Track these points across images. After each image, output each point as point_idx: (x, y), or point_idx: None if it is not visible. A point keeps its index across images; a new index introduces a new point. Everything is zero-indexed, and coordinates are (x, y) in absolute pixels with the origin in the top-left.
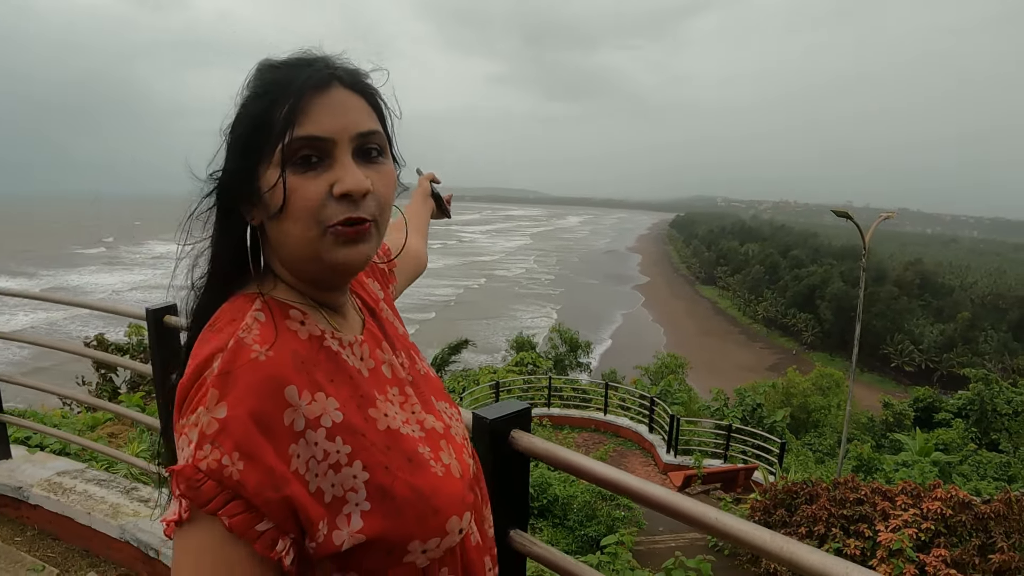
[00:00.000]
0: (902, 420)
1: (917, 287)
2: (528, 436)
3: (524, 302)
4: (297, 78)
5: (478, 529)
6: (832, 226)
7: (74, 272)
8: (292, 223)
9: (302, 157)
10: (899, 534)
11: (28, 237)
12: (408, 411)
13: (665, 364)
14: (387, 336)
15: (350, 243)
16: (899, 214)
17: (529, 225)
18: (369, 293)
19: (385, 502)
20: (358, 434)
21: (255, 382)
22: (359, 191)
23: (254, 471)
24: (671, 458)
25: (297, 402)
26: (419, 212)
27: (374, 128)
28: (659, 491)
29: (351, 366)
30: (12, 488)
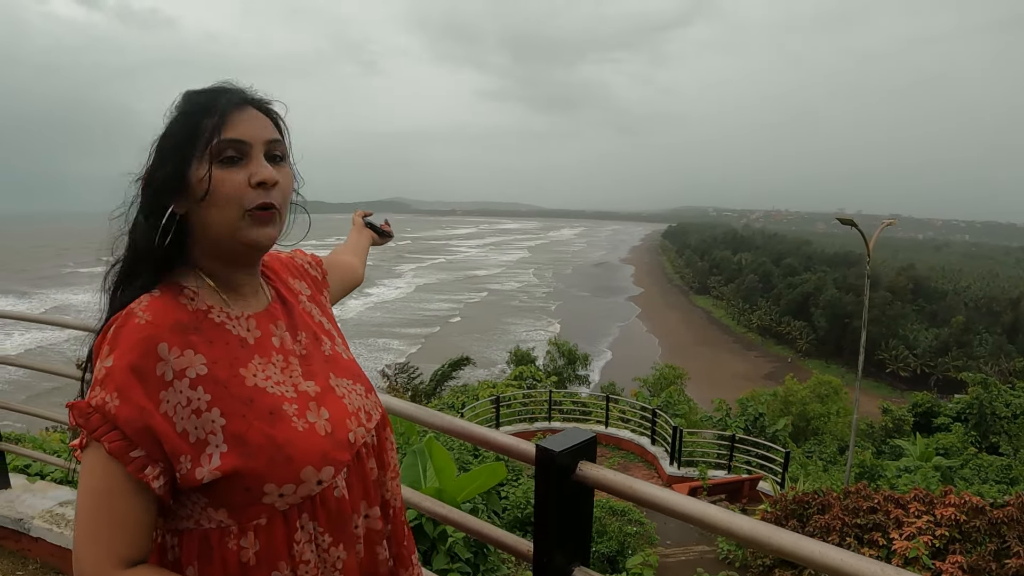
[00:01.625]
0: (902, 426)
1: (910, 292)
2: (597, 468)
3: (522, 316)
4: (221, 98)
5: (364, 490)
6: (825, 234)
7: (67, 290)
8: (217, 209)
9: (227, 156)
10: (914, 542)
11: (21, 256)
12: (287, 375)
13: (663, 375)
14: (293, 319)
15: (261, 225)
16: (896, 221)
17: (524, 238)
18: (290, 288)
19: (240, 445)
20: (220, 385)
21: (135, 340)
22: (271, 180)
23: (126, 407)
24: (674, 470)
25: (167, 356)
26: (355, 239)
27: (278, 138)
28: (749, 524)
29: (234, 334)
30: (12, 520)
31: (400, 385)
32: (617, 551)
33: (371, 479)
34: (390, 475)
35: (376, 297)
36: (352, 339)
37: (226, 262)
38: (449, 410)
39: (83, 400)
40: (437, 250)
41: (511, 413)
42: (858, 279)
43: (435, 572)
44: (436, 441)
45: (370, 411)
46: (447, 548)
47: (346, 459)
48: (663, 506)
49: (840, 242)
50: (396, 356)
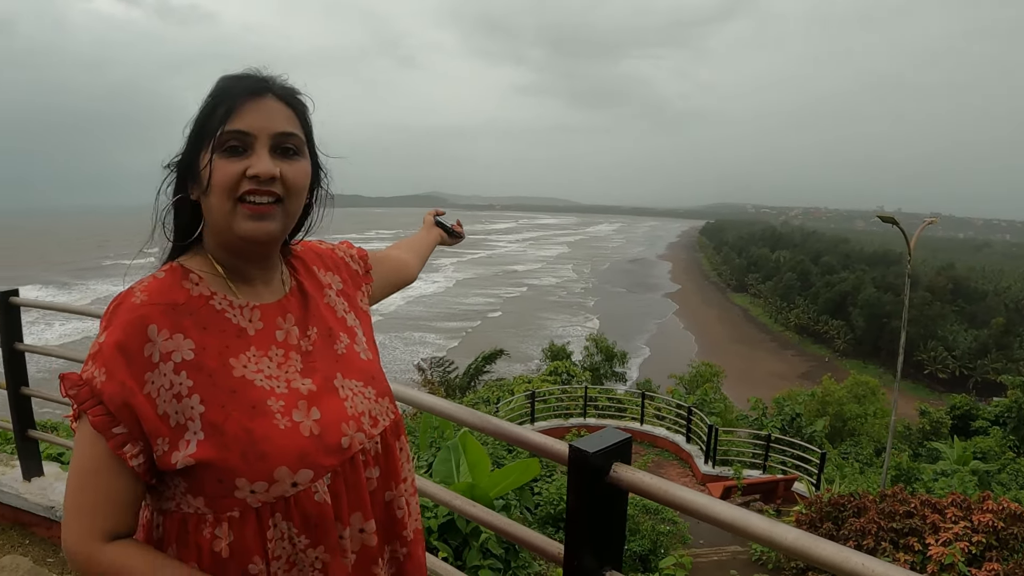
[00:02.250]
0: (939, 428)
1: (950, 292)
2: (631, 470)
3: (560, 311)
4: (237, 87)
5: (357, 501)
6: (864, 232)
7: (107, 281)
8: (214, 196)
9: (229, 146)
10: (951, 548)
11: (64, 248)
12: (282, 370)
13: (700, 373)
14: (307, 313)
15: (256, 218)
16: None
17: (562, 234)
18: (316, 281)
19: (216, 435)
20: (205, 373)
21: (127, 319)
22: (265, 175)
23: (111, 383)
24: (709, 468)
25: (156, 338)
26: (420, 237)
27: (292, 131)
28: (793, 535)
29: (233, 323)
30: (44, 507)
31: (435, 379)
32: (650, 550)
33: (366, 489)
34: (402, 490)
35: (416, 291)
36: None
37: (233, 252)
38: (484, 405)
39: (75, 373)
40: (476, 245)
41: (546, 409)
42: (897, 278)
43: (468, 568)
44: (471, 435)
45: (377, 416)
46: (480, 544)
47: (331, 464)
48: (700, 512)
49: (879, 240)
50: (435, 350)
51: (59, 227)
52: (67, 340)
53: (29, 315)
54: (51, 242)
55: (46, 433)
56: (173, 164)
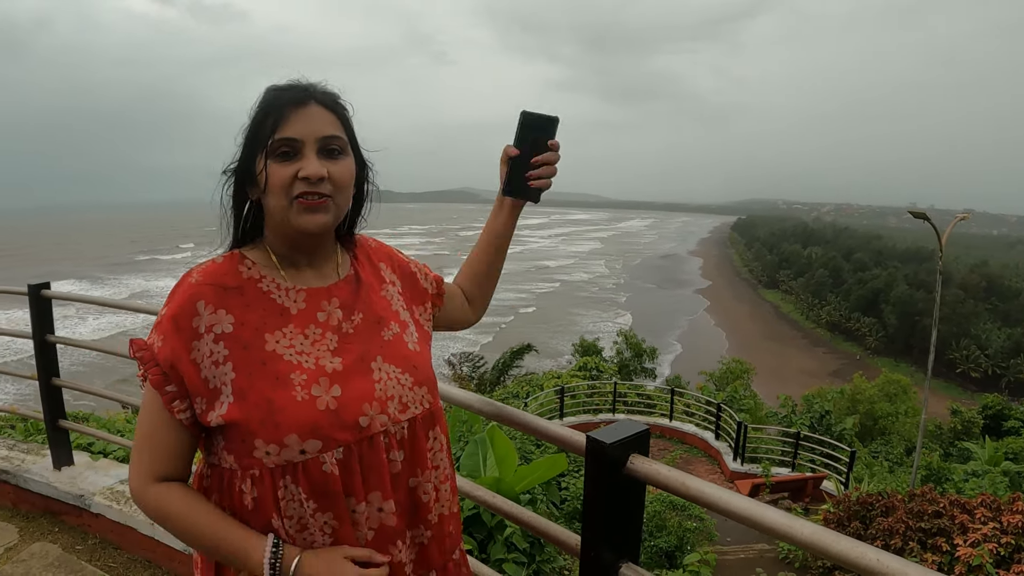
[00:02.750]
0: (970, 428)
1: (983, 290)
2: (648, 462)
3: (592, 307)
4: (283, 97)
5: (377, 479)
6: (896, 228)
7: (138, 276)
8: (272, 197)
9: (281, 152)
10: (979, 549)
11: (98, 244)
12: (315, 348)
13: (730, 370)
14: (356, 299)
15: (309, 212)
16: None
17: (594, 230)
18: (376, 274)
19: (241, 400)
20: (240, 345)
21: (183, 296)
22: (315, 176)
23: (165, 349)
24: (737, 466)
25: (203, 312)
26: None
27: (336, 134)
28: (809, 529)
29: (277, 303)
30: (74, 496)
31: (464, 374)
32: (676, 546)
33: (387, 470)
34: (429, 476)
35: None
36: None
37: (289, 243)
38: (513, 400)
39: (142, 339)
40: (515, 240)
41: (575, 404)
42: (929, 275)
43: (492, 561)
44: (499, 430)
45: (408, 403)
46: (504, 539)
47: (344, 439)
48: (716, 505)
49: (912, 237)
50: (467, 346)
51: (91, 223)
52: (101, 335)
53: (63, 311)
54: (84, 238)
55: (75, 423)
56: (230, 169)
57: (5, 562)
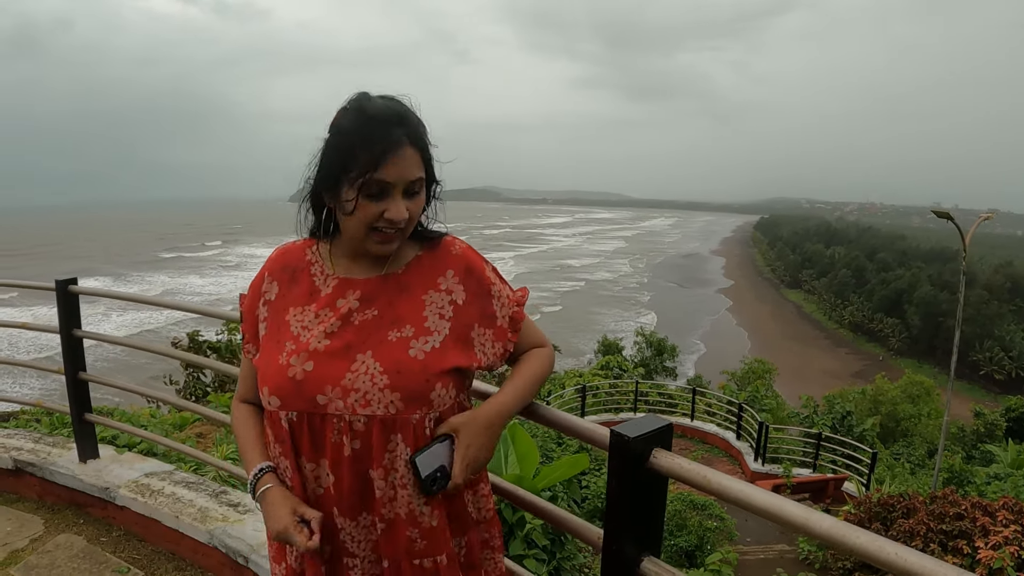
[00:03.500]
0: (994, 431)
1: (1008, 291)
2: (671, 456)
3: (616, 307)
4: (384, 137)
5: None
6: (920, 228)
7: (161, 273)
8: (355, 223)
9: (373, 192)
10: (1000, 552)
11: (124, 241)
12: (316, 326)
13: (752, 370)
14: (379, 297)
15: (383, 243)
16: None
17: (618, 228)
18: (429, 280)
19: (260, 352)
20: (275, 311)
21: (262, 268)
22: (399, 220)
23: (245, 302)
24: (759, 466)
25: (267, 280)
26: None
27: (419, 176)
28: (828, 522)
29: (315, 285)
30: (99, 488)
31: (482, 374)
32: (696, 546)
33: (330, 443)
34: (384, 476)
35: None
36: None
37: (355, 249)
38: (535, 399)
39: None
40: (533, 239)
41: (596, 402)
42: (953, 276)
43: (512, 557)
44: (520, 427)
45: (371, 401)
46: (524, 535)
47: (298, 406)
48: (737, 498)
49: (936, 237)
50: None
51: (112, 221)
52: (125, 332)
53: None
54: (107, 236)
55: (101, 417)
56: (315, 179)
57: (31, 553)
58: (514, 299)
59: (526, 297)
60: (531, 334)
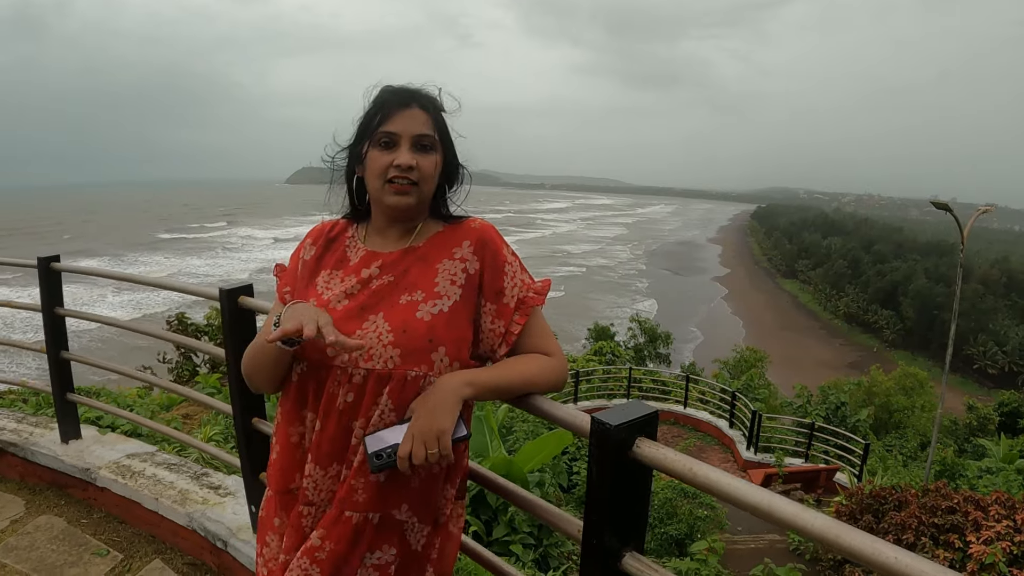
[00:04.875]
0: (986, 425)
1: (1003, 286)
2: (656, 446)
3: (613, 293)
4: (392, 99)
5: (316, 399)
6: (917, 221)
7: (159, 254)
8: (371, 177)
9: (383, 142)
10: (992, 547)
11: (114, 223)
12: (338, 288)
13: (745, 358)
14: (397, 267)
15: (397, 194)
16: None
17: (617, 215)
18: (444, 250)
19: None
20: (308, 269)
21: (306, 236)
22: (405, 165)
23: (288, 262)
24: (751, 455)
25: (307, 245)
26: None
27: (427, 132)
28: (821, 521)
29: (346, 254)
30: (80, 469)
31: None
32: (686, 534)
33: (327, 395)
34: (364, 427)
35: None
36: None
37: (382, 215)
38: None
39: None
40: (533, 224)
41: (590, 388)
42: (950, 269)
43: (500, 542)
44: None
45: (373, 355)
46: (507, 520)
47: (310, 357)
48: (725, 493)
49: (932, 230)
50: None
51: (113, 202)
52: (124, 313)
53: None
54: (106, 217)
55: (83, 397)
56: (344, 150)
57: (11, 534)
58: (530, 285)
59: (547, 288)
60: (541, 336)
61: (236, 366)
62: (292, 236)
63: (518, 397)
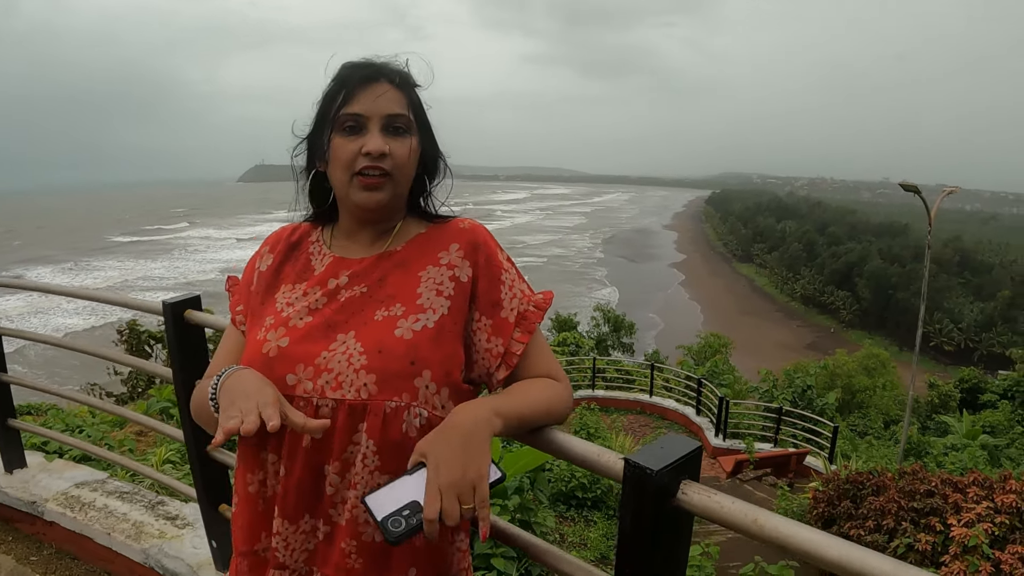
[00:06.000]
0: (947, 402)
1: (956, 265)
2: (705, 492)
3: (572, 282)
4: (355, 74)
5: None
6: (869, 203)
7: (113, 258)
8: (336, 170)
9: (347, 127)
10: (974, 529)
11: (67, 228)
12: (301, 303)
13: (708, 344)
14: (370, 274)
15: (368, 190)
16: (937, 190)
17: (574, 204)
18: (428, 256)
19: (248, 325)
20: (264, 283)
21: (262, 244)
22: (375, 151)
23: (241, 276)
24: (719, 441)
25: (264, 254)
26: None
27: (400, 112)
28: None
29: (310, 263)
30: (26, 503)
31: None
32: None
33: (298, 440)
34: (338, 471)
35: None
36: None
37: (350, 215)
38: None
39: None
40: (493, 216)
41: None
42: (903, 250)
43: (478, 555)
44: None
45: (343, 383)
46: None
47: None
48: (802, 549)
49: (885, 212)
50: None
51: (67, 205)
52: (85, 323)
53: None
54: (63, 222)
55: (26, 423)
56: (303, 141)
57: None
58: (529, 297)
59: (549, 301)
60: (544, 359)
61: (184, 388)
62: (252, 236)
63: (537, 435)
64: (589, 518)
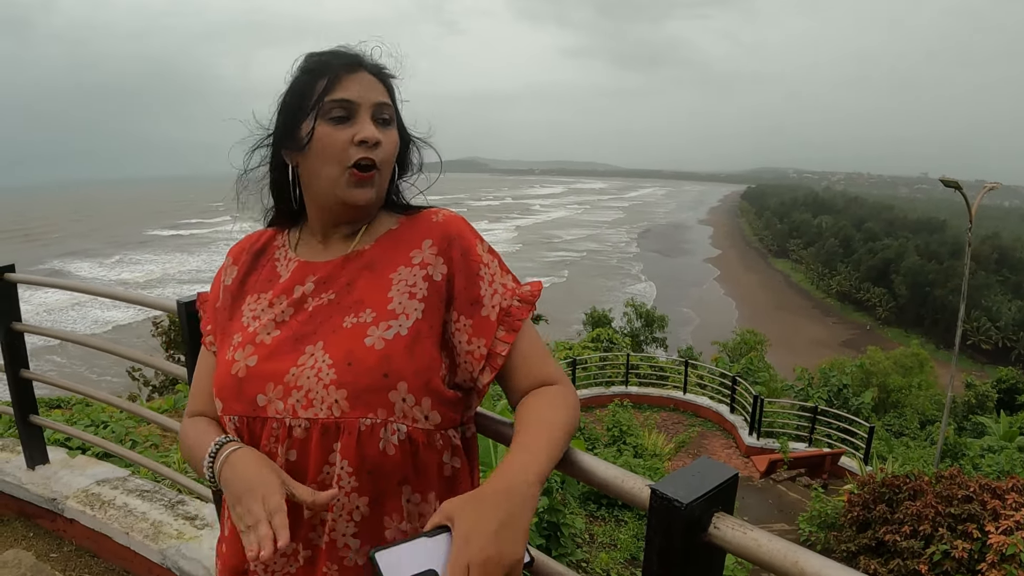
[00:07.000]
0: (984, 402)
1: (994, 262)
2: (741, 527)
3: (609, 278)
4: (335, 61)
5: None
6: (907, 198)
7: (150, 252)
8: (322, 163)
9: (335, 116)
10: (1012, 537)
11: (106, 221)
12: (267, 315)
13: (744, 340)
14: (337, 279)
15: (359, 185)
16: (976, 187)
17: (610, 199)
18: (400, 255)
19: (217, 345)
20: (230, 297)
21: (228, 253)
22: (372, 139)
23: (208, 293)
24: (753, 440)
25: (228, 266)
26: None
27: (387, 102)
28: None
29: (276, 271)
30: (47, 499)
31: None
32: None
33: (264, 452)
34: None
35: None
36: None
37: (325, 214)
38: None
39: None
40: (530, 210)
41: (587, 376)
42: (940, 246)
43: None
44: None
45: (313, 400)
46: None
47: (238, 409)
48: None
49: (922, 208)
50: None
51: (108, 199)
52: (125, 317)
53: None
54: (102, 215)
55: (50, 420)
56: (267, 136)
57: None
58: (514, 290)
59: (537, 294)
60: (537, 359)
61: None
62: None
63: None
64: (620, 518)
